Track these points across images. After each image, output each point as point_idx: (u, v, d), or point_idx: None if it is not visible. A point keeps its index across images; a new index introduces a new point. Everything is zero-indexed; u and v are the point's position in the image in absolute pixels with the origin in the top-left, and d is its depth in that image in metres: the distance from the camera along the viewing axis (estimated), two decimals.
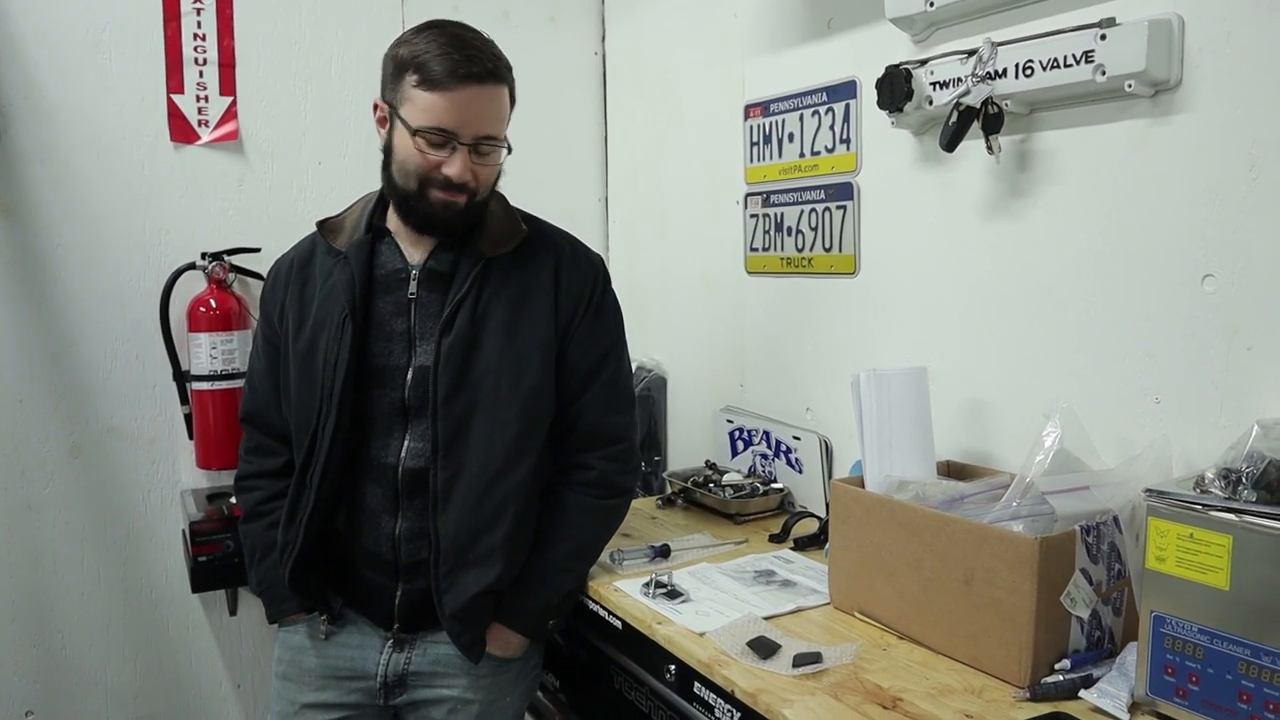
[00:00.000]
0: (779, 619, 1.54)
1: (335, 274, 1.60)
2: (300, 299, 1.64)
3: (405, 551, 1.59)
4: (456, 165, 1.52)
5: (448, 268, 1.60)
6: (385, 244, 1.62)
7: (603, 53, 2.71)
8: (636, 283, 2.66)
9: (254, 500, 1.70)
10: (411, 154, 1.51)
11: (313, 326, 1.60)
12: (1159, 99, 1.41)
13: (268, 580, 1.66)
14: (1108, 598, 1.37)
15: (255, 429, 1.72)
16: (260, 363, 1.71)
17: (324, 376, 1.56)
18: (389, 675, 1.64)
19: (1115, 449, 1.48)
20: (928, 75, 1.67)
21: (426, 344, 1.57)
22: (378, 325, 1.59)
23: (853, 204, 1.91)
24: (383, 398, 1.58)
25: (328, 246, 1.64)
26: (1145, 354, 1.46)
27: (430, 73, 1.47)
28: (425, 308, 1.59)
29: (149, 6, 2.17)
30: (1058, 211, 1.56)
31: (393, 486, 1.58)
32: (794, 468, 2.08)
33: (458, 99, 1.49)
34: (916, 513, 1.45)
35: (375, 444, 1.59)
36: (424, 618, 1.62)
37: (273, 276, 1.71)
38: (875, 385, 1.61)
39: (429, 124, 1.49)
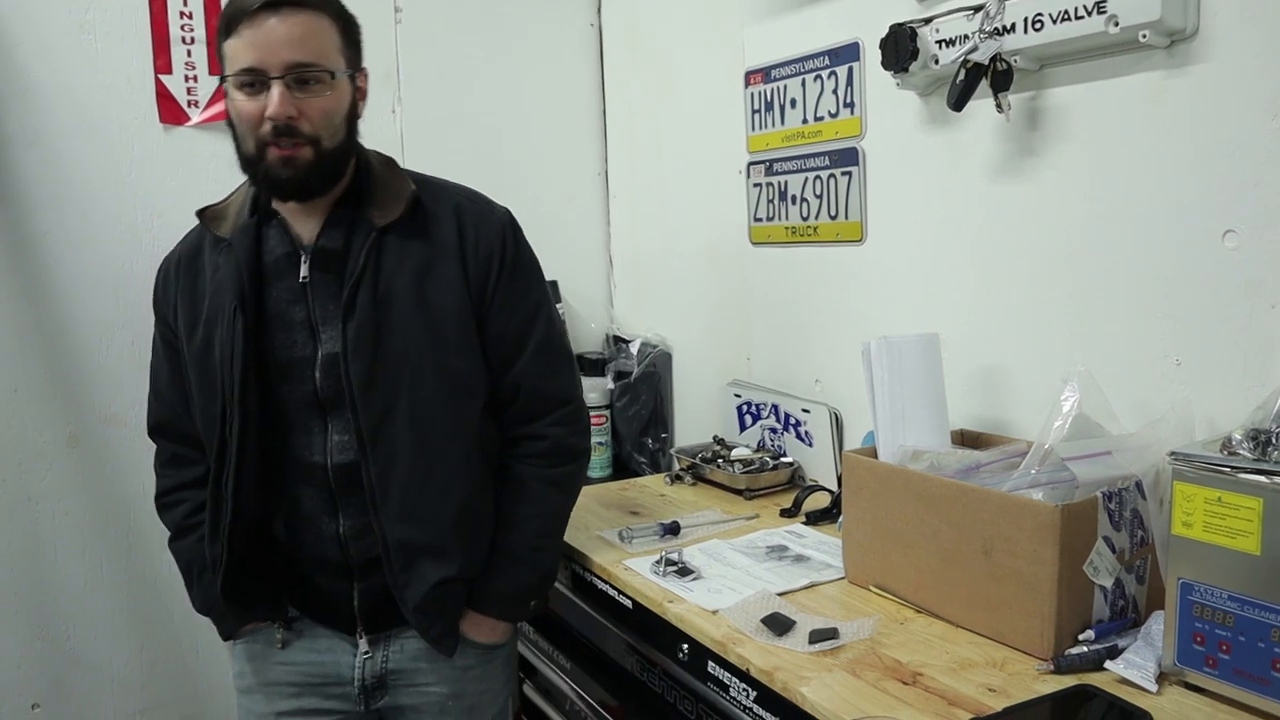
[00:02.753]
0: (793, 595, 1.51)
1: (222, 265, 1.48)
2: (191, 295, 1.51)
3: (355, 550, 1.49)
4: (273, 102, 1.37)
5: (340, 245, 1.47)
6: (273, 227, 1.49)
7: (598, 24, 2.65)
8: (639, 257, 2.62)
9: (180, 515, 1.58)
10: (239, 111, 1.40)
11: (205, 323, 1.47)
12: (1175, 49, 1.36)
13: (210, 598, 1.53)
14: (1131, 565, 1.34)
15: (168, 440, 1.60)
16: (164, 368, 1.58)
17: (222, 374, 1.44)
18: (367, 678, 1.55)
19: (1135, 413, 1.43)
20: (933, 33, 1.62)
21: (330, 330, 1.45)
22: (275, 315, 1.46)
23: (858, 169, 1.87)
24: (293, 392, 1.46)
25: (213, 237, 1.51)
26: (1164, 314, 1.41)
27: (229, 18, 1.38)
28: (322, 291, 1.46)
29: None
30: (1071, 170, 1.52)
31: (325, 486, 1.47)
32: (804, 441, 2.04)
33: (256, 31, 1.36)
34: (932, 482, 1.41)
35: (296, 443, 1.48)
36: (388, 616, 1.52)
37: (162, 276, 1.58)
38: (886, 353, 1.57)
39: (237, 68, 1.38)
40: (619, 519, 1.91)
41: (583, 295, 2.66)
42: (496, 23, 2.52)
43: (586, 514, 1.95)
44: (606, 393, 2.44)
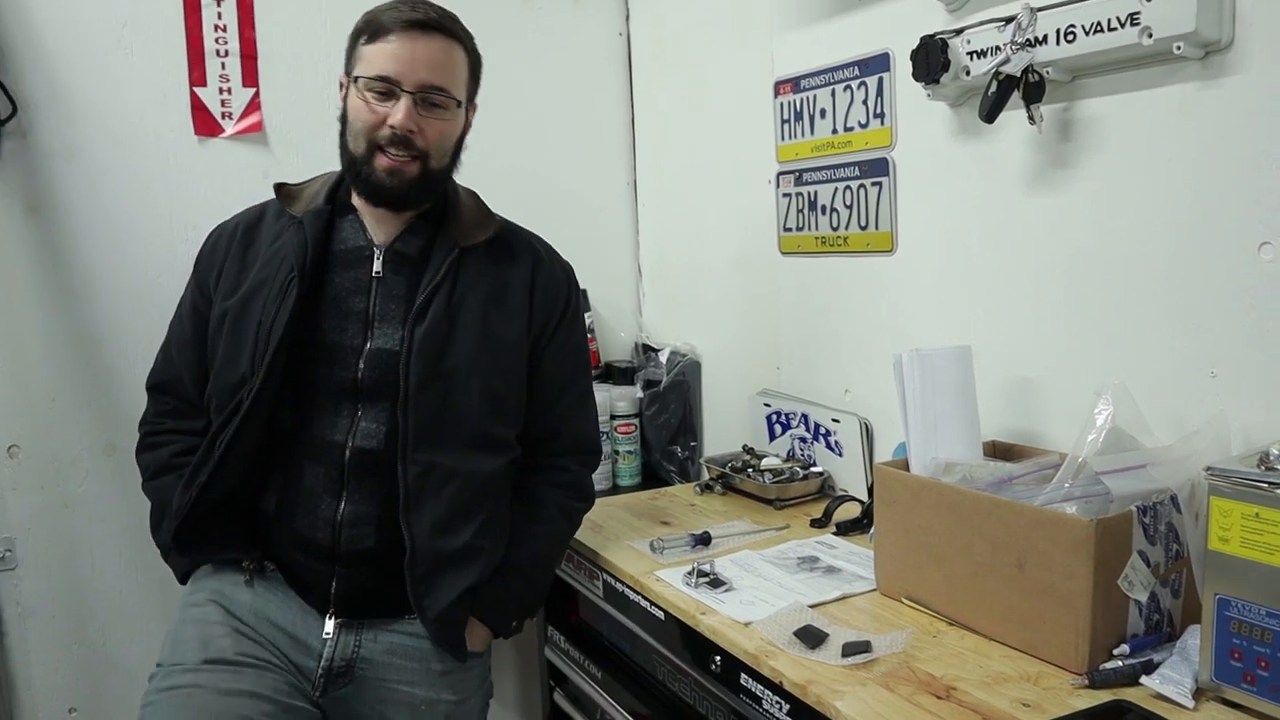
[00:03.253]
0: (825, 607, 1.51)
1: (285, 238, 1.54)
2: (241, 260, 1.57)
3: (345, 537, 1.50)
4: (400, 113, 1.47)
5: (415, 252, 1.56)
6: (348, 220, 1.57)
7: (627, 33, 2.66)
8: (666, 266, 2.62)
9: (166, 454, 1.60)
10: (359, 110, 1.49)
11: (249, 288, 1.53)
12: (1209, 61, 1.36)
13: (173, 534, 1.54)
14: (1166, 579, 1.33)
15: (162, 397, 1.65)
16: (183, 330, 1.63)
17: (257, 341, 1.49)
18: (335, 658, 1.52)
19: (1170, 426, 1.43)
20: (964, 44, 1.62)
21: (388, 327, 1.52)
22: (331, 300, 1.53)
23: (888, 180, 1.86)
24: (330, 375, 1.51)
25: (280, 211, 1.58)
26: (1199, 326, 1.40)
27: (376, 25, 1.48)
28: (389, 289, 1.54)
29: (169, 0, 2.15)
30: (1104, 181, 1.51)
31: (337, 466, 1.50)
32: (834, 451, 2.04)
33: (401, 45, 1.47)
34: (965, 495, 1.41)
35: (319, 421, 1.51)
36: (365, 607, 1.54)
37: (213, 240, 1.64)
38: (918, 365, 1.56)
39: (373, 73, 1.48)
40: (649, 529, 1.92)
41: (612, 304, 2.67)
42: (524, 33, 2.54)
43: (617, 523, 1.96)
44: (635, 401, 2.45)
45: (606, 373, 2.58)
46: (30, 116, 2.05)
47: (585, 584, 1.87)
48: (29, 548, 2.12)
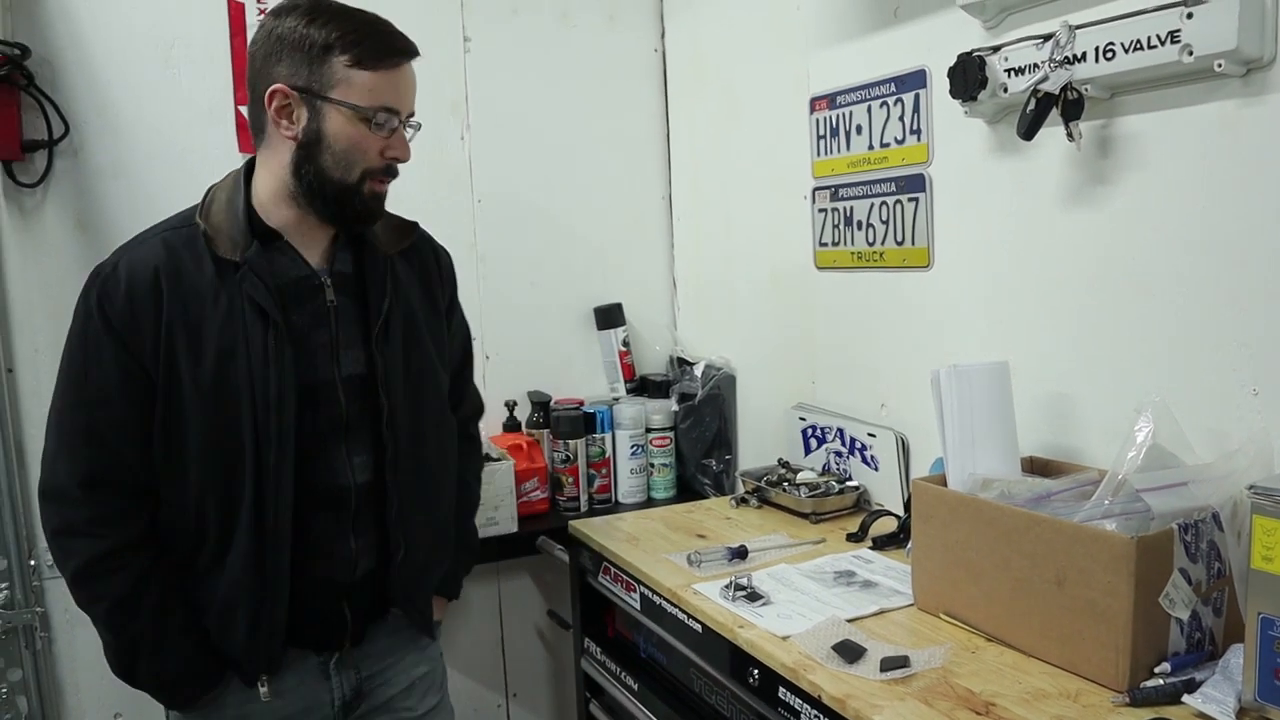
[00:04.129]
0: (862, 621, 1.52)
1: (233, 290, 1.39)
2: (185, 321, 1.37)
3: (360, 568, 1.52)
4: (401, 146, 1.44)
5: (352, 270, 1.51)
6: (278, 249, 1.44)
7: (662, 49, 2.69)
8: (702, 279, 2.64)
9: (126, 583, 1.40)
10: (357, 140, 1.39)
11: (217, 352, 1.38)
12: (1251, 78, 1.35)
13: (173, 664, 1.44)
14: (1207, 598, 1.32)
15: (104, 493, 1.40)
16: (114, 407, 1.38)
17: (260, 408, 1.38)
18: (347, 694, 1.56)
19: (1210, 443, 1.42)
20: (1002, 62, 1.62)
21: (352, 352, 1.48)
22: (295, 340, 1.43)
23: (925, 196, 1.87)
24: (316, 417, 1.45)
25: (201, 255, 1.40)
26: (1240, 343, 1.40)
27: (370, 51, 1.38)
28: (344, 314, 1.49)
29: (216, 21, 2.20)
30: (1144, 198, 1.51)
31: (347, 508, 1.49)
32: (869, 465, 2.04)
33: (400, 77, 1.42)
34: (1004, 512, 1.41)
35: (318, 467, 1.46)
36: (366, 624, 1.58)
37: (126, 296, 1.37)
38: (956, 381, 1.57)
39: (378, 104, 1.39)
40: (686, 542, 1.93)
41: (646, 318, 2.69)
42: (562, 49, 2.57)
43: (654, 537, 1.97)
44: (670, 414, 2.46)
45: (641, 386, 2.60)
46: (81, 135, 2.11)
47: (622, 596, 1.88)
48: None
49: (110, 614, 1.43)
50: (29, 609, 2.03)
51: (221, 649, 1.46)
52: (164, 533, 1.44)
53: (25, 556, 2.04)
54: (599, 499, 2.45)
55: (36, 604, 2.07)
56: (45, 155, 2.06)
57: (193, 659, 1.45)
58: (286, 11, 1.40)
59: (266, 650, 1.45)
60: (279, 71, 1.39)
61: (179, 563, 1.44)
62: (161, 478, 1.41)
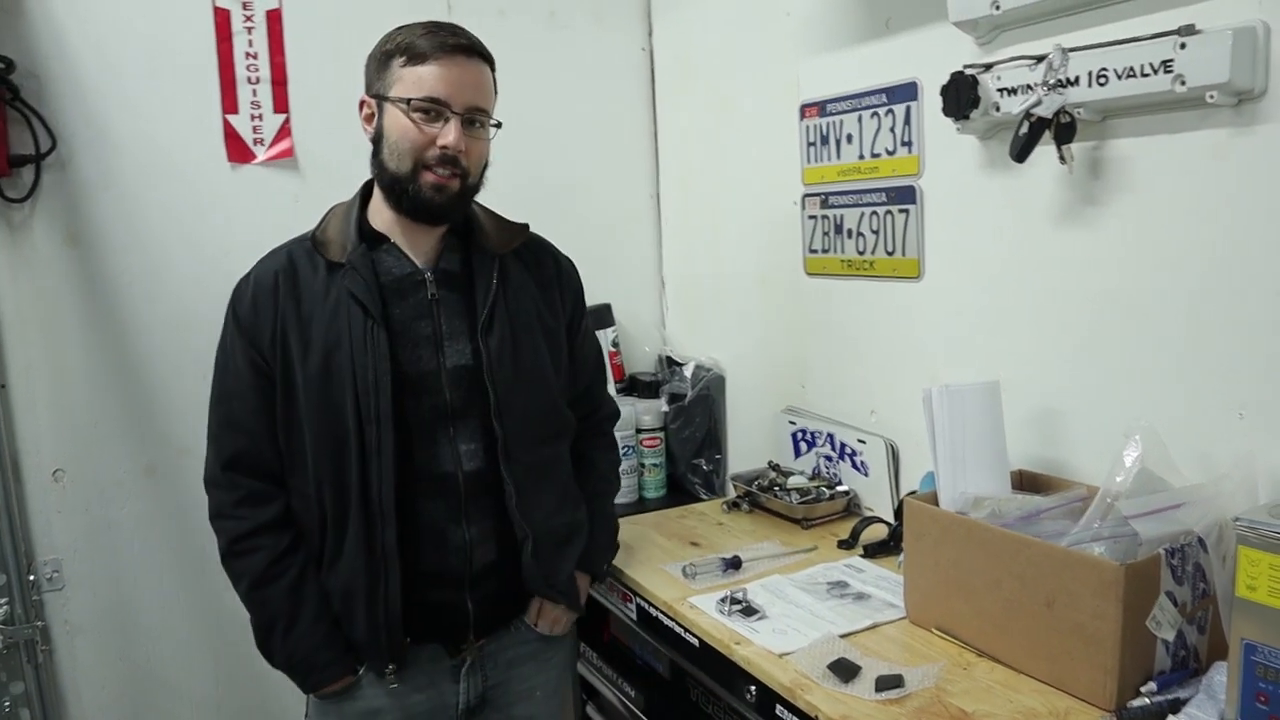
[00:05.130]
0: (856, 636, 1.55)
1: (339, 287, 1.53)
2: (298, 319, 1.53)
3: (476, 557, 1.59)
4: (452, 134, 1.50)
5: (458, 268, 1.61)
6: (385, 251, 1.57)
7: (650, 49, 2.68)
8: (691, 280, 2.65)
9: (261, 563, 1.54)
10: (406, 129, 1.49)
11: (325, 346, 1.52)
12: (1242, 108, 1.37)
13: (304, 645, 1.54)
14: (1192, 617, 1.36)
15: (245, 475, 1.55)
16: (247, 397, 1.55)
17: (360, 394, 1.50)
18: (471, 699, 1.65)
19: (1197, 464, 1.45)
20: (994, 81, 1.63)
21: (457, 344, 1.58)
22: (399, 333, 1.55)
23: (915, 208, 1.88)
24: (419, 405, 1.55)
25: (316, 262, 1.55)
26: (1228, 368, 1.43)
27: (418, 49, 1.49)
28: (448, 308, 1.59)
29: (201, 28, 2.18)
30: (1134, 220, 1.53)
31: (456, 495, 1.57)
32: (859, 470, 2.07)
33: (448, 69, 1.50)
34: (995, 534, 1.44)
35: (421, 455, 1.55)
36: (494, 621, 1.66)
37: (250, 297, 1.55)
38: (948, 400, 1.59)
39: (423, 94, 1.49)
40: (680, 550, 1.96)
41: (635, 317, 2.70)
42: (550, 49, 2.56)
43: (648, 544, 2.00)
44: (660, 415, 2.48)
45: (631, 385, 2.62)
46: (69, 149, 2.09)
47: (619, 606, 1.91)
48: (75, 568, 2.18)
49: (250, 591, 1.56)
50: (29, 624, 2.04)
51: (350, 636, 1.56)
52: (298, 522, 1.57)
53: (25, 572, 2.05)
54: None
55: (37, 618, 2.08)
56: (33, 170, 2.04)
57: (324, 644, 1.55)
58: (381, 39, 1.56)
59: (388, 636, 1.54)
60: (368, 85, 1.56)
61: (313, 552, 1.57)
62: (287, 466, 1.56)
